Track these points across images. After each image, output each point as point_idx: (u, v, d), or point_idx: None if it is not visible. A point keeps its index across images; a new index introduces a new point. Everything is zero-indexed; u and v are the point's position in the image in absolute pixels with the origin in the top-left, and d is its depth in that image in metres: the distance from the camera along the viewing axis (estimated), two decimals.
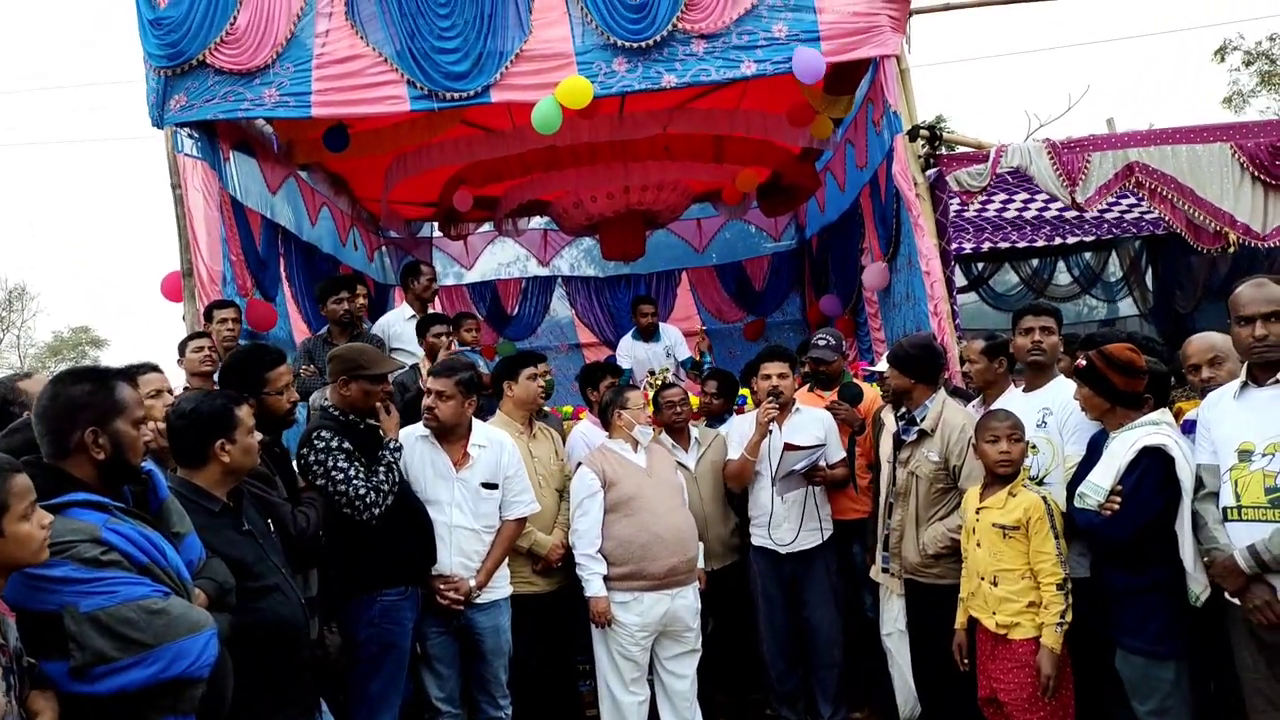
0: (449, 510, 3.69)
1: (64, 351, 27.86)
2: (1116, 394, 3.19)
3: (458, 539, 3.68)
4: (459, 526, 3.69)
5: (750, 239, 9.88)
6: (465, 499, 3.71)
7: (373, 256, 8.58)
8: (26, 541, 1.84)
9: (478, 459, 3.77)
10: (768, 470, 4.26)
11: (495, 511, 3.80)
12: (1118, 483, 3.08)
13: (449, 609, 3.62)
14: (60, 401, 2.14)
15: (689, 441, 4.55)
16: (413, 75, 5.25)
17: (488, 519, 3.77)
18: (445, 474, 3.72)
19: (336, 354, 3.67)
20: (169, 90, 5.24)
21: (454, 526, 3.68)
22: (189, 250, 5.30)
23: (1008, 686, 3.24)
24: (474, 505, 3.73)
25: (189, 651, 2.02)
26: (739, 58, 5.35)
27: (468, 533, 3.70)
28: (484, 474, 3.76)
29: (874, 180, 6.27)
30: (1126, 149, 5.42)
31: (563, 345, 9.75)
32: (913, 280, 5.55)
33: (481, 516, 3.74)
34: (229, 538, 2.62)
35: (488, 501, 3.76)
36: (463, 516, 3.70)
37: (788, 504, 4.23)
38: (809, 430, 4.28)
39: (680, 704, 4.07)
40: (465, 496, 3.71)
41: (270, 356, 3.32)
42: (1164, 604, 3.06)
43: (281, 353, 3.43)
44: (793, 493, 4.23)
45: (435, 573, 3.63)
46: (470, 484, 3.73)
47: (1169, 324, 8.19)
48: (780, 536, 4.26)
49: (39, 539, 1.86)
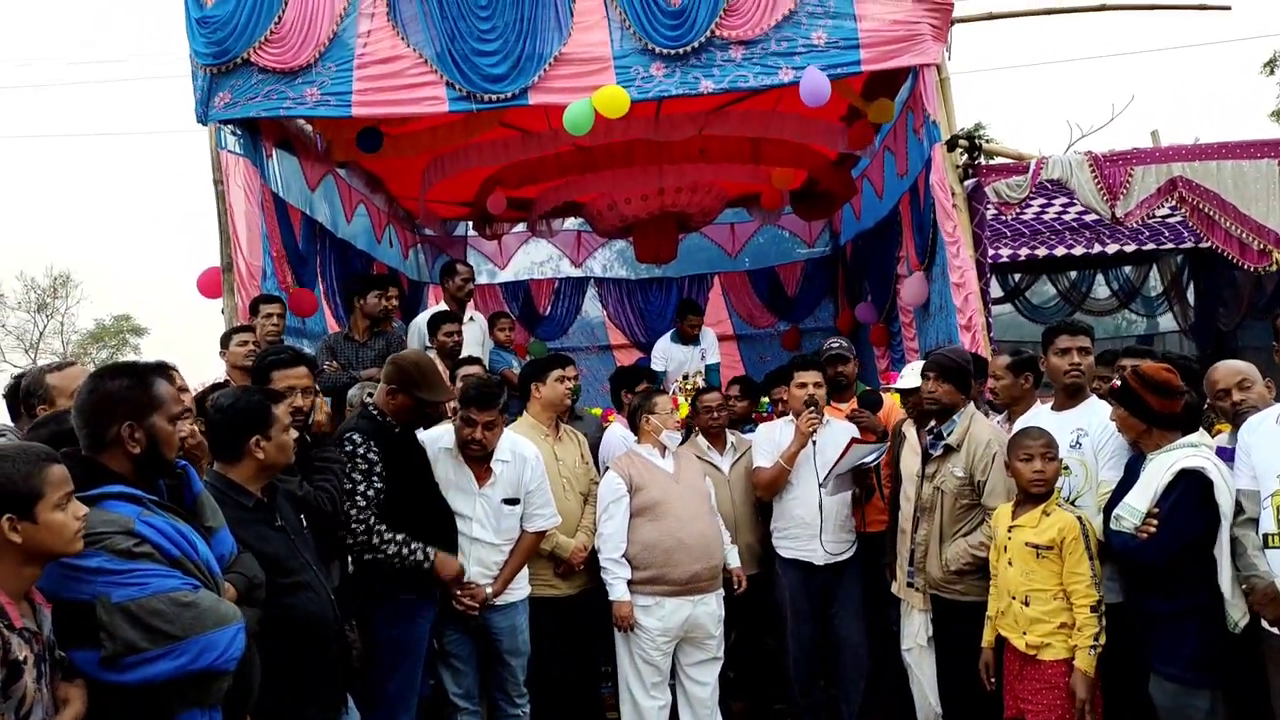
0: (470, 525, 3.72)
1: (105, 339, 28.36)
2: (1152, 415, 3.12)
3: (477, 551, 3.72)
4: (479, 540, 3.72)
5: (784, 244, 9.83)
6: (487, 515, 3.74)
7: (407, 254, 8.65)
8: (60, 531, 1.87)
9: (500, 475, 3.78)
10: (806, 480, 4.22)
11: (516, 526, 3.82)
12: (1154, 505, 3.02)
13: (464, 614, 3.65)
14: (99, 396, 2.18)
15: (725, 446, 4.54)
16: (452, 77, 5.29)
17: (508, 534, 3.80)
18: (468, 489, 3.75)
19: (399, 362, 3.59)
20: (214, 88, 5.33)
21: (474, 540, 3.72)
22: (229, 245, 5.39)
23: (1036, 708, 3.19)
24: (495, 521, 3.75)
25: (216, 644, 2.06)
26: (777, 64, 5.33)
27: (488, 546, 3.74)
28: (506, 490, 3.78)
29: (914, 188, 6.21)
30: (1170, 163, 5.32)
31: (593, 346, 9.76)
32: (946, 290, 5.49)
33: (502, 532, 3.78)
34: (262, 533, 2.66)
35: (509, 518, 3.79)
36: (484, 531, 3.73)
37: (830, 513, 4.18)
38: (841, 442, 4.25)
39: (701, 711, 4.07)
40: (487, 512, 3.74)
41: (284, 356, 3.34)
42: (1200, 630, 2.99)
43: (298, 354, 3.42)
44: (836, 498, 4.19)
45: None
46: (492, 500, 3.75)
47: (1210, 341, 8.02)
48: (829, 547, 4.20)
49: (72, 529, 1.89)
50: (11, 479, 1.84)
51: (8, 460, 1.86)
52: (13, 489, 1.83)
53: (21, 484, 1.84)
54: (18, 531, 1.82)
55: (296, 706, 2.66)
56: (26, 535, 1.83)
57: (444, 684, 3.75)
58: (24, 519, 1.83)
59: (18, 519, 1.82)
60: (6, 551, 1.83)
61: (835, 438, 4.28)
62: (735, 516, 4.37)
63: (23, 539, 1.83)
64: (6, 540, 1.82)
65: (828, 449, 4.20)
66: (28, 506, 1.83)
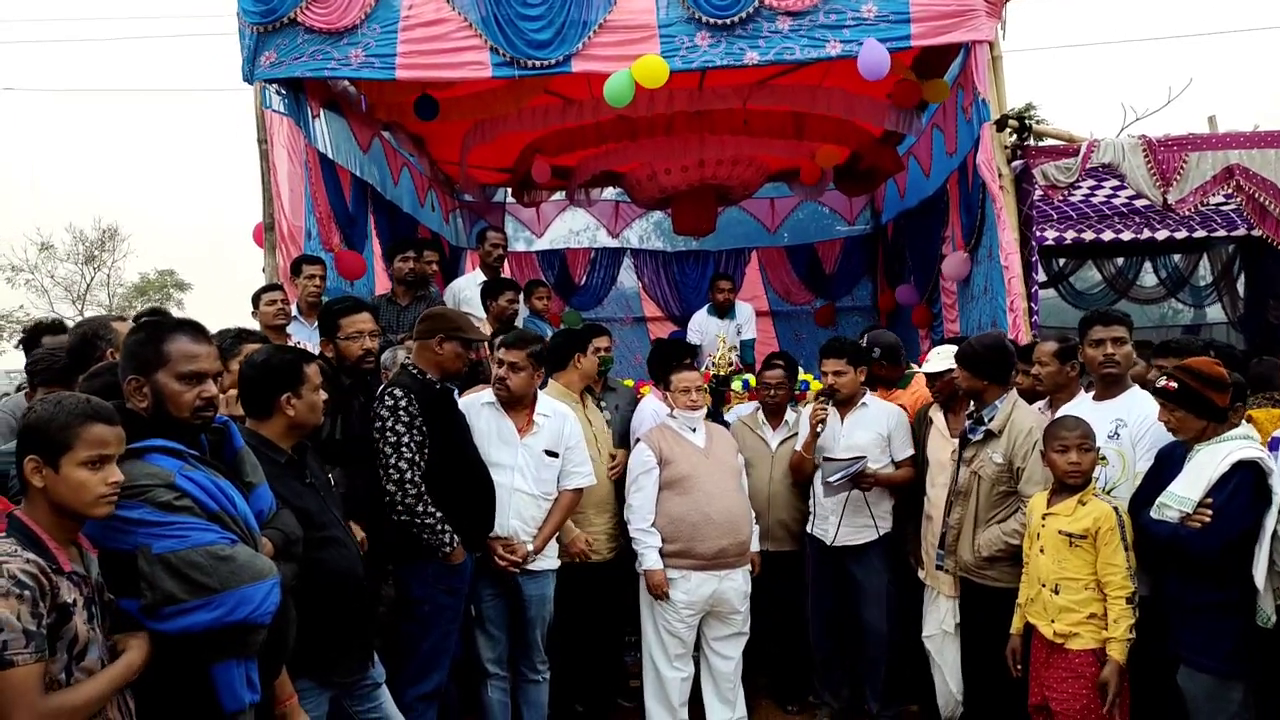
0: (511, 474, 3.75)
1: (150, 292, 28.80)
2: (1214, 411, 3.05)
3: (517, 503, 3.74)
4: (519, 490, 3.75)
5: (823, 221, 9.71)
6: (528, 464, 3.77)
7: (448, 218, 8.68)
8: (79, 489, 1.87)
9: (543, 427, 3.83)
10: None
11: (554, 481, 3.85)
12: (1207, 495, 2.96)
13: (504, 571, 3.68)
14: (125, 347, 2.22)
15: (780, 423, 4.54)
16: (496, 41, 5.26)
17: (547, 485, 3.82)
18: (510, 440, 3.79)
19: (436, 314, 3.70)
20: (260, 47, 5.34)
21: (514, 490, 3.74)
22: (272, 205, 5.43)
23: (1061, 696, 3.17)
24: (536, 471, 3.78)
25: (252, 598, 2.09)
26: (825, 37, 5.23)
27: (528, 498, 3.76)
28: (547, 441, 3.83)
29: (962, 168, 6.09)
30: (1226, 150, 5.16)
31: (628, 318, 9.75)
32: (993, 273, 5.40)
33: (542, 483, 3.80)
34: (294, 488, 2.70)
35: (549, 469, 3.82)
36: (524, 481, 3.76)
37: (835, 500, 4.18)
38: (872, 427, 4.21)
39: (724, 684, 4.10)
40: (528, 462, 3.77)
41: (347, 305, 3.42)
42: (1238, 622, 2.96)
43: (358, 301, 3.52)
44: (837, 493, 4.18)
45: (493, 535, 3.69)
46: (534, 450, 3.79)
47: (1258, 334, 7.82)
48: (825, 531, 4.23)
49: (95, 493, 1.88)
50: (48, 424, 1.87)
51: (54, 406, 1.89)
52: (45, 433, 1.86)
53: (55, 432, 1.86)
54: (41, 475, 1.86)
55: (323, 659, 2.71)
56: (49, 483, 1.86)
57: (477, 649, 3.79)
58: (48, 465, 1.86)
59: (42, 463, 1.86)
60: (39, 497, 1.87)
61: (868, 423, 4.24)
62: (770, 493, 4.38)
63: (45, 484, 1.86)
64: (35, 484, 1.86)
65: (856, 433, 4.21)
66: (54, 454, 1.86)
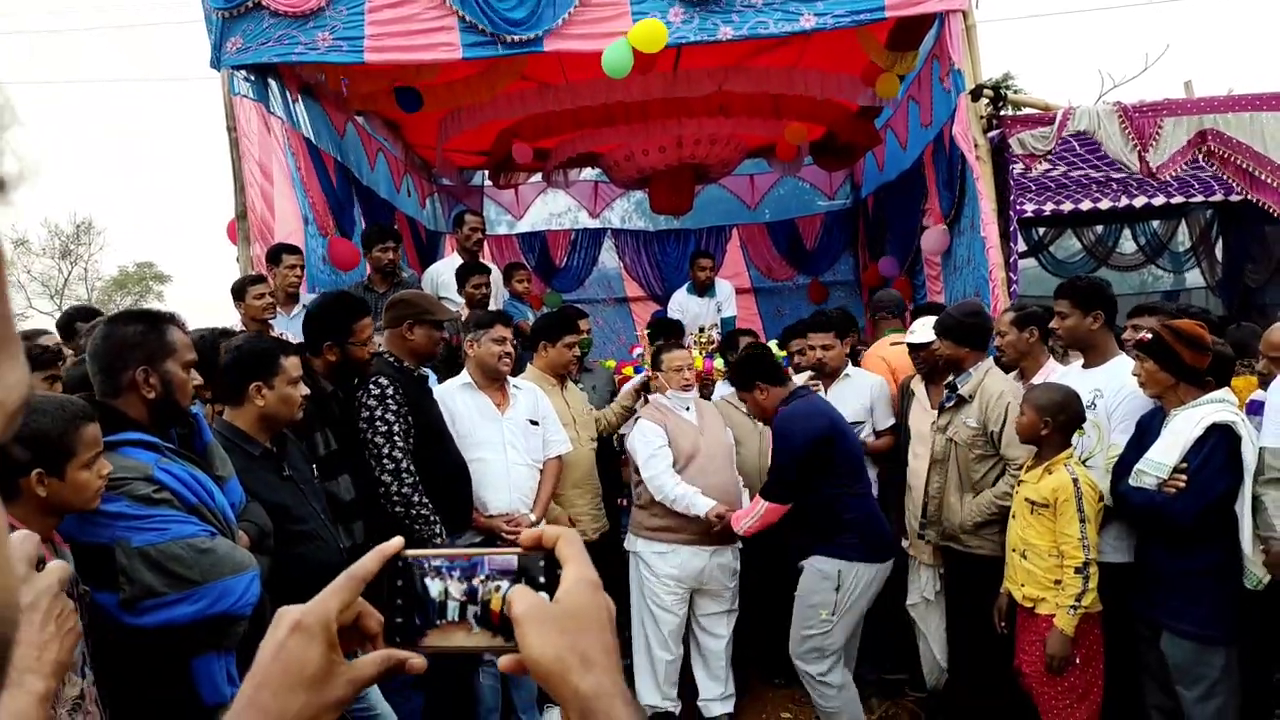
0: (504, 450, 3.77)
1: (129, 285, 28.56)
2: (1183, 369, 3.06)
3: (516, 477, 3.78)
4: (516, 464, 3.79)
5: (804, 196, 9.69)
6: (515, 436, 3.83)
7: (424, 203, 8.61)
8: (83, 489, 1.89)
9: (518, 399, 3.91)
10: None
11: (540, 449, 3.92)
12: (1182, 460, 2.98)
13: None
14: (114, 341, 2.18)
15: None
16: (472, 15, 5.11)
17: (536, 454, 3.89)
18: (492, 416, 3.82)
19: (401, 299, 3.70)
20: (226, 32, 5.23)
21: (511, 465, 3.77)
22: (243, 193, 5.35)
23: (1030, 659, 3.25)
24: (525, 441, 3.85)
25: (233, 590, 2.08)
26: (799, 10, 5.17)
27: (524, 470, 3.82)
28: (527, 411, 3.91)
29: (938, 139, 6.08)
30: (1201, 114, 5.16)
31: (610, 298, 9.72)
32: (974, 244, 5.39)
33: (532, 450, 3.87)
34: (269, 481, 2.67)
35: (535, 437, 3.89)
36: (517, 454, 3.81)
37: None
38: (855, 398, 4.22)
39: (714, 663, 4.12)
40: (515, 434, 3.83)
41: (360, 306, 3.36)
42: (1217, 587, 2.98)
43: (367, 304, 3.48)
44: None
45: (497, 512, 3.71)
46: (517, 421, 3.85)
47: (1237, 298, 7.90)
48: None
49: (94, 488, 1.91)
50: (48, 434, 1.84)
51: (46, 415, 1.86)
52: (48, 444, 1.84)
53: (56, 441, 1.84)
54: (44, 485, 1.84)
55: None
56: (52, 490, 1.85)
57: None
58: (52, 475, 1.84)
59: (46, 474, 1.83)
60: (30, 500, 1.85)
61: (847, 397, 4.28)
62: (760, 468, 4.38)
63: (48, 493, 1.84)
64: (32, 492, 1.84)
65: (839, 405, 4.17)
66: (59, 463, 1.84)
